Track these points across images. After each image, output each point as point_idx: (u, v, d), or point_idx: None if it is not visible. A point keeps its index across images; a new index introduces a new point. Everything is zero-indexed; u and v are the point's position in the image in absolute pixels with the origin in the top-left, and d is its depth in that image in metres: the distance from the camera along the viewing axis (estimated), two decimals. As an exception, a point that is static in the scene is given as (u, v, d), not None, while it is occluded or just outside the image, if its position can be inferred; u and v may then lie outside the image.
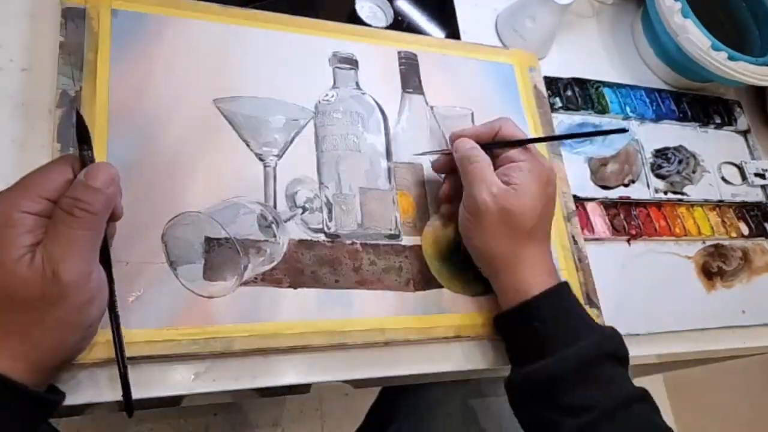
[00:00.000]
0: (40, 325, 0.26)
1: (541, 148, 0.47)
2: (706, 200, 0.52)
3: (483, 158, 0.36)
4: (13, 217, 0.25)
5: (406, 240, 0.39)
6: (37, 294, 0.25)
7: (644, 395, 0.33)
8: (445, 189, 0.40)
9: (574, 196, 0.46)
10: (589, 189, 0.48)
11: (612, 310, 0.43)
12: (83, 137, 0.29)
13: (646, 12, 0.55)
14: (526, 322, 0.34)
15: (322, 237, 0.37)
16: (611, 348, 0.34)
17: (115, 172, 0.28)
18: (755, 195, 0.54)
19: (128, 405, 0.30)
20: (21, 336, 0.25)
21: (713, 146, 0.55)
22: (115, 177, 0.28)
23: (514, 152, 0.37)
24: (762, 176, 0.55)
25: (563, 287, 0.35)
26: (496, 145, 0.38)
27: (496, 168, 0.36)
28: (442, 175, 0.41)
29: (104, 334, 0.31)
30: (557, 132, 0.49)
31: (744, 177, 0.55)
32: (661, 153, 0.53)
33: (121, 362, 0.29)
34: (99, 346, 0.30)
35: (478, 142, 0.37)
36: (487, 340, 0.39)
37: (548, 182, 0.36)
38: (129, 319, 0.31)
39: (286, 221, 0.37)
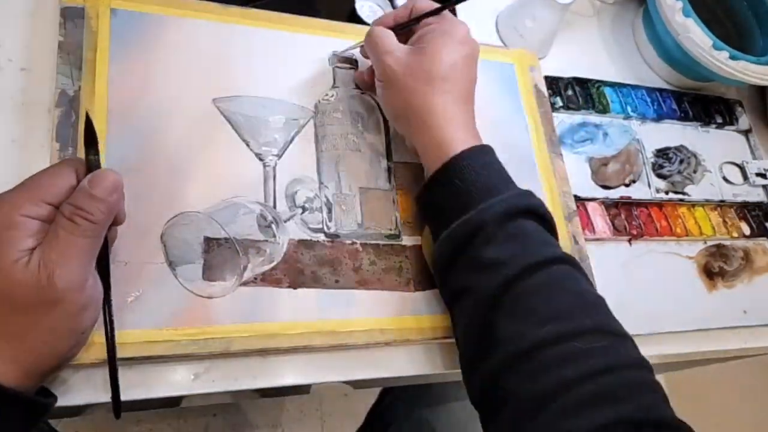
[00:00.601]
0: (35, 329, 0.25)
1: (539, 147, 0.47)
2: (707, 200, 0.52)
3: (381, 30, 0.36)
4: (15, 220, 0.25)
5: (407, 240, 0.39)
6: (32, 298, 0.25)
7: (569, 258, 0.32)
8: (365, 74, 0.40)
9: (575, 196, 0.46)
10: (589, 189, 0.48)
11: (613, 311, 0.43)
12: (91, 141, 0.29)
13: (647, 11, 0.55)
14: (448, 182, 0.33)
15: (322, 237, 0.37)
16: (532, 203, 0.33)
17: (119, 180, 0.27)
18: (757, 195, 0.54)
19: (116, 406, 0.30)
20: (15, 340, 0.25)
21: (714, 146, 0.55)
22: (118, 185, 0.27)
23: (430, 19, 0.37)
24: (763, 176, 0.55)
25: (486, 147, 0.34)
26: (411, 22, 0.38)
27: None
28: None
29: (101, 335, 0.31)
30: (558, 132, 0.49)
31: (745, 177, 0.55)
32: (662, 153, 0.53)
33: (113, 366, 0.29)
34: (96, 346, 0.30)
35: (396, 25, 0.38)
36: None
37: (462, 41, 0.35)
38: (128, 320, 0.31)
39: (285, 221, 0.37)
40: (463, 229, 0.32)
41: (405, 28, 0.38)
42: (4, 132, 0.34)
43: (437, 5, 0.37)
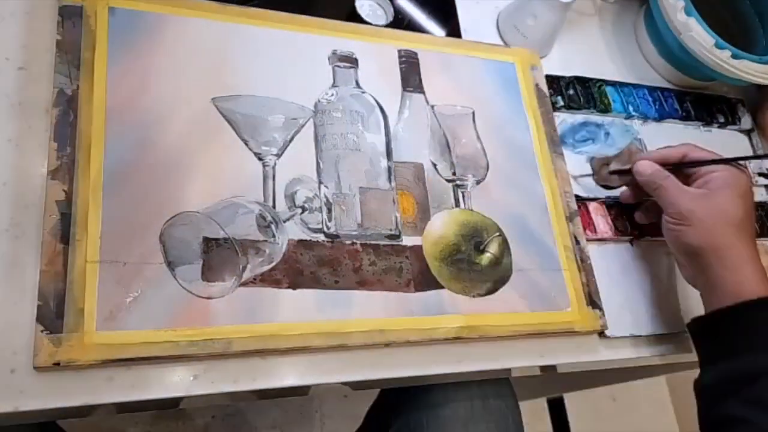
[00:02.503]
0: None
1: (541, 147, 0.46)
2: (709, 200, 0.52)
3: (670, 175, 0.40)
4: None
5: (407, 240, 0.39)
6: None
7: None
8: (628, 196, 0.45)
9: (577, 196, 0.46)
10: (591, 189, 0.48)
11: (615, 311, 0.43)
12: None
13: (648, 10, 0.55)
14: (742, 322, 0.35)
15: (321, 237, 0.37)
16: None
17: None
18: (759, 195, 0.54)
19: None
20: None
21: (717, 146, 0.54)
22: None
23: (710, 167, 0.40)
24: (766, 176, 0.55)
25: None
26: (684, 165, 0.41)
27: (689, 184, 0.40)
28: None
29: (100, 336, 0.30)
30: (560, 131, 0.48)
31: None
32: (664, 152, 0.52)
33: None
34: (94, 347, 0.30)
35: (664, 165, 0.41)
36: (488, 341, 0.39)
37: (745, 194, 0.39)
38: (127, 320, 0.31)
39: (285, 221, 0.37)
40: (748, 368, 0.34)
41: (675, 168, 0.41)
42: (1, 132, 0.34)
43: (716, 156, 0.40)
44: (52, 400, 0.30)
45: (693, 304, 0.46)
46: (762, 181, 0.54)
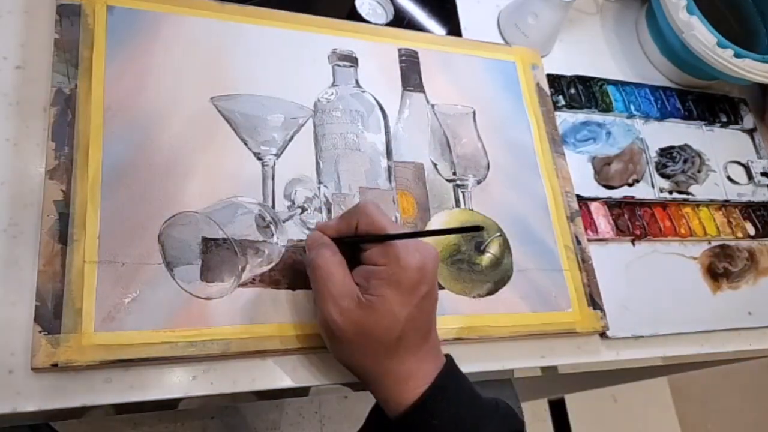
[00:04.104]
0: None
1: (542, 147, 0.46)
2: (711, 200, 0.51)
3: (328, 262, 0.31)
4: None
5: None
6: None
7: None
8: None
9: (578, 196, 0.46)
10: (592, 188, 0.48)
11: (616, 312, 0.43)
12: None
13: (650, 9, 0.55)
14: (427, 423, 0.30)
15: (321, 237, 0.37)
16: (512, 425, 0.32)
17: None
18: (762, 195, 0.54)
19: None
20: None
21: (719, 145, 0.54)
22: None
23: (375, 250, 0.31)
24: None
25: (447, 373, 0.31)
26: (357, 240, 0.32)
27: (362, 263, 0.31)
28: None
29: (98, 337, 0.30)
30: (561, 131, 0.48)
31: (750, 176, 0.54)
32: (665, 152, 0.52)
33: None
34: (92, 348, 0.30)
35: (341, 238, 0.32)
36: (489, 341, 0.38)
37: (415, 285, 0.30)
38: (125, 321, 0.31)
39: (284, 221, 0.36)
40: None
41: (345, 246, 0.32)
42: None
43: (386, 218, 0.31)
44: (50, 401, 0.30)
45: (694, 304, 0.46)
46: (765, 181, 0.54)
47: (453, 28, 0.50)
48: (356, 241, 0.32)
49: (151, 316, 0.32)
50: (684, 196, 0.51)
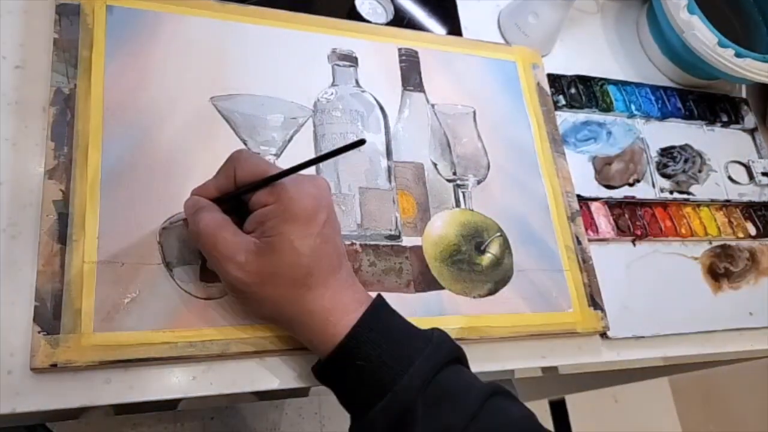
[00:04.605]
0: None
1: (542, 147, 0.46)
2: (712, 200, 0.51)
3: (209, 225, 0.29)
4: None
5: (407, 240, 0.39)
6: None
7: (493, 389, 0.30)
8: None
9: (578, 196, 0.46)
10: (593, 188, 0.47)
11: (617, 312, 0.43)
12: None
13: (651, 8, 0.54)
14: (349, 364, 0.29)
15: (321, 237, 0.37)
16: (447, 354, 0.30)
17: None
18: (763, 195, 0.54)
19: None
20: None
21: (720, 145, 0.54)
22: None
23: (262, 193, 0.29)
24: (769, 175, 0.54)
25: (374, 308, 0.30)
26: (240, 192, 0.30)
27: (251, 211, 0.30)
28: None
29: (97, 338, 0.30)
30: (561, 130, 0.48)
31: (751, 176, 0.54)
32: (666, 152, 0.52)
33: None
34: (92, 348, 0.30)
35: (223, 195, 0.31)
36: (489, 342, 0.38)
37: (313, 214, 0.29)
38: (125, 321, 0.31)
39: (284, 221, 0.36)
40: (389, 414, 0.28)
41: (230, 201, 0.31)
42: (-1, 131, 0.34)
43: (262, 162, 0.30)
44: (49, 401, 0.30)
45: (695, 305, 0.46)
46: (766, 180, 0.54)
47: (453, 27, 0.50)
48: (238, 194, 0.30)
49: (150, 316, 0.31)
50: (685, 196, 0.50)
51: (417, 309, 0.37)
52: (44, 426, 0.45)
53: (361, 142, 0.27)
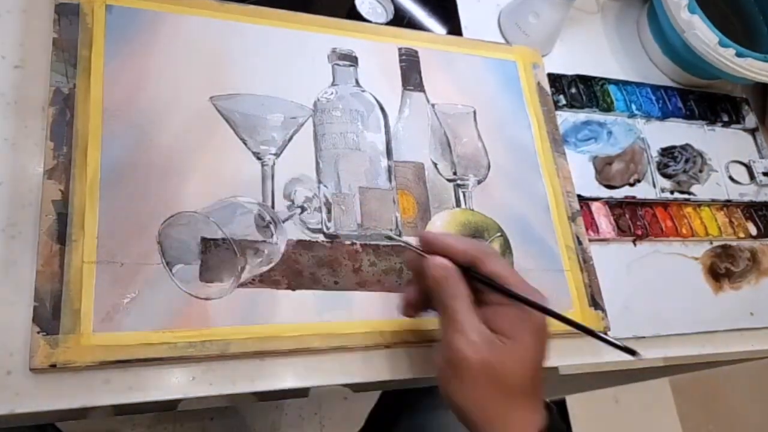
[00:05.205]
0: None
1: (542, 146, 0.46)
2: (713, 200, 0.51)
3: (461, 293, 0.29)
4: None
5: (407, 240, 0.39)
6: None
7: None
8: (411, 295, 0.33)
9: (579, 196, 0.46)
10: (593, 188, 0.47)
11: (617, 312, 0.42)
12: None
13: (652, 8, 0.54)
14: None
15: (321, 237, 0.37)
16: None
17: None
18: (764, 194, 0.53)
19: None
20: None
21: (721, 145, 0.54)
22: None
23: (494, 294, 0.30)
24: (770, 175, 0.54)
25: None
26: (479, 277, 0.30)
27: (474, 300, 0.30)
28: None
29: (97, 338, 0.30)
30: (562, 130, 0.48)
31: (752, 176, 0.54)
32: (667, 152, 0.52)
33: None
34: (91, 349, 0.30)
35: (453, 261, 0.30)
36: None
37: (542, 332, 0.30)
38: (124, 322, 0.31)
39: (284, 221, 0.36)
40: None
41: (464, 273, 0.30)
42: (-2, 131, 0.34)
43: (508, 271, 0.30)
44: (48, 402, 0.30)
45: (696, 305, 0.46)
46: (766, 180, 0.54)
47: (453, 27, 0.50)
48: (478, 278, 0.30)
49: (150, 316, 0.31)
50: (685, 196, 0.50)
51: (417, 309, 0.37)
52: (54, 426, 0.45)
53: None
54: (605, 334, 0.34)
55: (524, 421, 0.29)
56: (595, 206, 0.46)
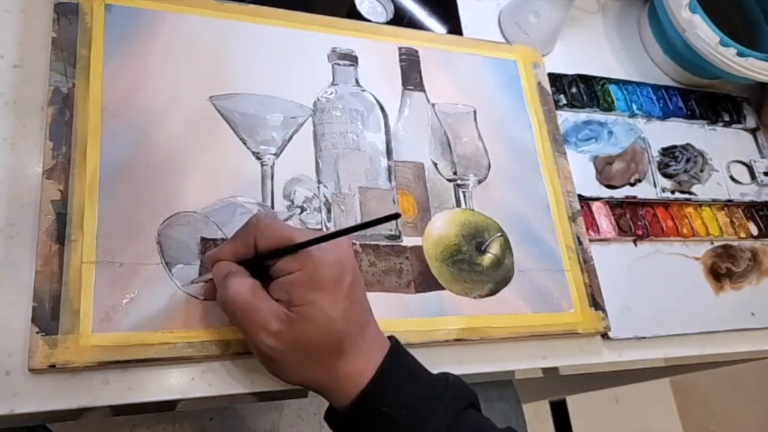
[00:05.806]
0: None
1: (543, 146, 0.46)
2: (714, 200, 0.51)
3: (240, 292, 0.29)
4: None
5: (407, 240, 0.39)
6: None
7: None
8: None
9: (579, 196, 0.46)
10: (594, 188, 0.47)
11: (618, 313, 0.42)
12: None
13: (652, 7, 0.54)
14: (374, 411, 0.29)
15: (320, 237, 0.37)
16: (465, 398, 0.31)
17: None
18: (765, 194, 0.53)
19: None
20: None
21: (721, 144, 0.54)
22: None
23: (285, 260, 0.29)
24: (771, 175, 0.54)
25: (394, 351, 0.31)
26: (263, 258, 0.30)
27: (271, 281, 0.29)
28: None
29: (96, 338, 0.30)
30: (562, 130, 0.48)
31: (753, 176, 0.54)
32: (668, 151, 0.52)
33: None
34: (90, 349, 0.30)
35: (239, 261, 0.30)
36: (490, 342, 0.38)
37: (339, 278, 0.29)
38: (123, 322, 0.31)
39: (284, 221, 0.36)
40: None
41: (250, 266, 0.30)
42: (-3, 130, 0.34)
43: (283, 226, 0.30)
44: (47, 402, 0.30)
45: (697, 305, 0.46)
46: (767, 180, 0.54)
47: (454, 26, 0.50)
48: (262, 260, 0.29)
49: (149, 316, 0.31)
50: (686, 195, 0.50)
51: (417, 309, 0.37)
52: (44, 426, 0.44)
53: (396, 216, 0.27)
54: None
55: (358, 365, 0.30)
56: (595, 206, 0.46)
